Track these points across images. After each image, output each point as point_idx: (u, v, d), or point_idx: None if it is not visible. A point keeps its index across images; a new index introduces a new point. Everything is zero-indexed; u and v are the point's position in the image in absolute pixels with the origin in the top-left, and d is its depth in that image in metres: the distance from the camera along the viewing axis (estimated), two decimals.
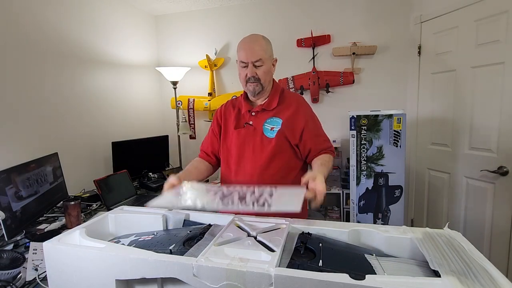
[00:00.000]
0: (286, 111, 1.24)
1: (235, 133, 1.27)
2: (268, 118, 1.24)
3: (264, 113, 1.25)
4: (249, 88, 1.22)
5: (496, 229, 1.77)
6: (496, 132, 1.73)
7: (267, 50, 1.20)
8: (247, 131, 1.25)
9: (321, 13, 2.67)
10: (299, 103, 1.28)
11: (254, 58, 1.17)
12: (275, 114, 1.24)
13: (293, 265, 0.70)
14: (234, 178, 1.27)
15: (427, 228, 0.85)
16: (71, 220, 1.46)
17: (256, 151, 1.23)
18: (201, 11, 2.99)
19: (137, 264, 0.72)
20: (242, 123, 1.28)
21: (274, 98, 1.26)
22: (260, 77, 1.20)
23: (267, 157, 1.21)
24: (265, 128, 1.23)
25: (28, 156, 1.63)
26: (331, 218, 2.63)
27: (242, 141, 1.25)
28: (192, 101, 2.97)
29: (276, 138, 1.21)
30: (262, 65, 1.18)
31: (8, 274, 0.97)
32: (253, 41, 1.19)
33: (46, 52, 2.00)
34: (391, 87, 2.58)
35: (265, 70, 1.20)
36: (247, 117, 1.27)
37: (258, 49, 1.17)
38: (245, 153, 1.24)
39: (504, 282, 0.60)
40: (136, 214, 1.06)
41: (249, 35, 1.23)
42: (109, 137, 2.43)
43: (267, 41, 1.23)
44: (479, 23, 1.81)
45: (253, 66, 1.18)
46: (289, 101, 1.27)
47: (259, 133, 1.23)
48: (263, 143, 1.22)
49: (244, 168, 1.24)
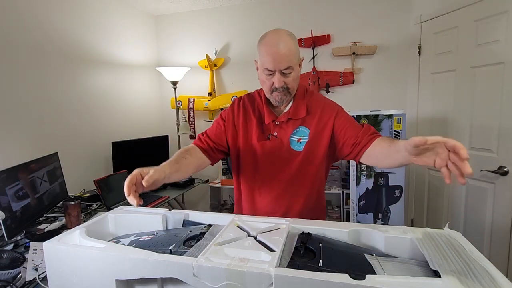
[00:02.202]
0: (313, 118, 1.09)
1: (259, 146, 1.12)
2: (295, 129, 1.10)
3: (289, 122, 1.10)
4: (276, 98, 1.06)
5: (496, 229, 1.77)
6: (496, 132, 1.73)
7: (296, 52, 1.00)
8: (272, 144, 1.11)
9: (321, 13, 2.67)
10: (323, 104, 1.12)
11: (284, 65, 0.98)
12: (302, 123, 1.10)
13: (293, 265, 0.70)
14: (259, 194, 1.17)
15: (427, 228, 0.85)
16: (71, 220, 1.46)
17: (282, 166, 1.11)
18: (201, 11, 2.99)
19: (137, 264, 0.72)
20: (266, 135, 1.12)
21: (300, 105, 1.10)
22: (290, 85, 1.03)
23: (295, 172, 1.10)
24: (292, 140, 1.10)
25: (28, 156, 1.63)
26: (331, 218, 2.63)
27: (267, 155, 1.11)
28: (192, 101, 2.97)
29: (304, 151, 1.08)
30: (292, 72, 1.00)
31: (8, 274, 0.97)
32: (281, 44, 0.97)
33: (47, 53, 2.00)
34: (391, 87, 2.58)
35: (295, 77, 1.03)
36: (271, 128, 1.12)
37: (288, 54, 0.97)
38: (270, 169, 1.12)
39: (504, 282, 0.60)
40: (136, 214, 1.06)
41: (274, 33, 1.00)
42: (109, 137, 2.43)
43: (294, 40, 1.01)
44: (479, 23, 1.80)
45: (281, 75, 1.00)
46: (315, 105, 1.11)
47: (285, 146, 1.10)
48: (290, 157, 1.09)
49: (269, 184, 1.14)
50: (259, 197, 1.19)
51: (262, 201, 1.19)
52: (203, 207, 3.15)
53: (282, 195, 1.14)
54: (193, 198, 3.20)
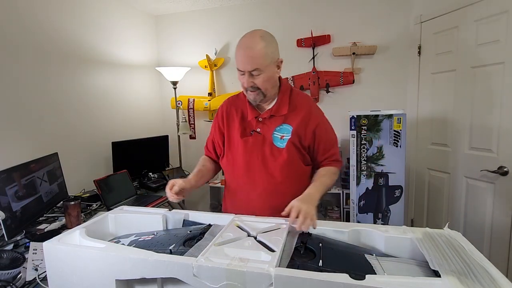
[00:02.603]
0: (297, 117, 1.13)
1: (242, 142, 1.15)
2: (278, 126, 1.13)
3: (273, 119, 1.14)
4: (250, 97, 1.12)
5: (496, 229, 1.77)
6: (496, 132, 1.73)
7: (267, 55, 1.03)
8: (255, 140, 1.14)
9: (321, 13, 2.67)
10: (310, 106, 1.16)
11: (250, 67, 1.02)
12: (285, 120, 1.13)
13: (293, 265, 0.70)
14: (243, 190, 1.19)
15: (427, 228, 0.85)
16: (71, 220, 1.46)
17: (266, 162, 1.13)
18: (201, 11, 2.99)
19: (137, 264, 0.72)
20: (248, 131, 1.16)
21: (283, 103, 1.14)
22: (259, 86, 1.06)
23: (278, 168, 1.12)
24: (275, 137, 1.12)
25: (28, 156, 1.63)
26: (331, 218, 2.63)
27: (250, 151, 1.14)
28: (192, 101, 2.97)
29: (287, 148, 1.11)
30: (261, 73, 1.04)
31: (8, 274, 0.97)
32: (250, 47, 1.01)
33: (47, 53, 2.00)
34: (391, 87, 2.58)
35: (265, 78, 1.05)
36: (254, 124, 1.15)
37: (255, 56, 1.01)
38: (254, 165, 1.14)
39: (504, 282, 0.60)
40: (136, 214, 1.06)
41: (247, 36, 1.06)
42: (109, 137, 2.43)
43: (268, 42, 1.04)
44: (479, 23, 1.80)
45: (250, 75, 1.04)
46: (299, 105, 1.15)
47: (268, 142, 1.12)
48: (273, 153, 1.12)
49: (253, 180, 1.15)
50: (241, 194, 1.20)
51: (243, 198, 1.19)
52: (203, 207, 3.15)
53: (265, 193, 1.14)
54: (193, 198, 3.20)
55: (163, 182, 2.48)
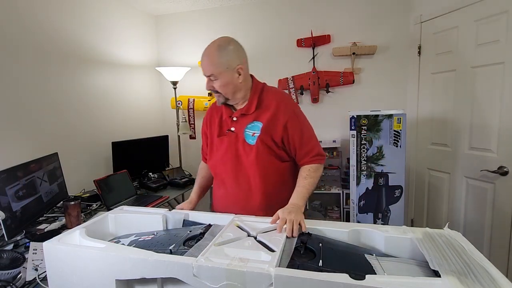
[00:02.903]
0: (266, 113, 1.17)
1: (219, 141, 1.23)
2: (249, 123, 1.18)
3: (244, 118, 1.19)
4: (216, 98, 1.20)
5: (496, 229, 1.77)
6: (496, 132, 1.73)
7: (220, 63, 1.10)
8: (229, 138, 1.20)
9: (321, 13, 2.67)
10: (279, 101, 1.18)
11: (207, 73, 1.13)
12: (255, 118, 1.17)
13: (293, 265, 0.70)
14: (222, 187, 1.25)
15: (427, 228, 0.86)
16: (71, 220, 1.46)
17: (240, 160, 1.18)
18: (201, 11, 2.99)
19: (137, 264, 0.72)
20: (224, 130, 1.23)
21: (252, 101, 1.19)
22: (218, 89, 1.14)
23: (251, 165, 1.16)
24: (247, 134, 1.17)
25: (28, 156, 1.63)
26: (331, 218, 2.63)
27: (225, 149, 1.20)
28: (192, 101, 2.97)
29: (256, 145, 1.15)
30: (216, 79, 1.12)
31: (8, 274, 0.97)
32: (205, 55, 1.13)
33: (47, 53, 2.00)
34: (391, 87, 2.58)
35: (221, 84, 1.12)
36: (229, 123, 1.22)
37: (208, 64, 1.11)
38: (228, 162, 1.20)
39: (504, 282, 0.60)
40: (136, 214, 1.06)
41: (209, 44, 1.15)
42: (109, 137, 2.43)
43: (224, 52, 1.11)
44: (479, 23, 1.80)
45: (209, 80, 1.14)
46: (269, 101, 1.19)
47: (240, 140, 1.18)
48: (245, 150, 1.17)
49: (229, 178, 1.21)
50: (218, 191, 1.27)
51: (221, 196, 1.25)
52: (203, 207, 3.14)
53: (239, 190, 1.19)
54: None
55: (163, 182, 2.48)
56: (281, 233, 0.85)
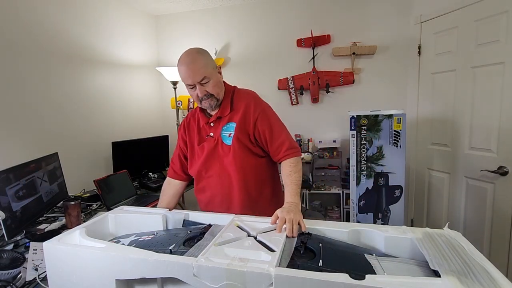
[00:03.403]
0: (238, 113, 1.21)
1: (199, 149, 1.25)
2: (224, 125, 1.21)
3: (220, 121, 1.23)
4: (205, 105, 1.20)
5: (496, 229, 1.77)
6: (496, 132, 1.73)
7: (208, 64, 1.15)
8: (209, 143, 1.23)
9: (321, 13, 2.67)
10: (249, 101, 1.22)
11: (199, 78, 1.13)
12: (229, 119, 1.21)
13: (293, 265, 0.70)
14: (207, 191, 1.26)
15: (427, 228, 0.85)
16: (71, 220, 1.46)
17: (221, 161, 1.21)
18: (201, 11, 2.99)
19: (137, 264, 0.72)
20: (204, 137, 1.26)
21: (226, 104, 1.22)
22: (212, 92, 1.16)
23: (230, 165, 1.19)
24: (223, 135, 1.21)
25: (28, 156, 1.62)
26: (331, 218, 2.63)
27: (207, 155, 1.22)
28: (192, 101, 2.97)
29: (233, 144, 1.18)
30: (209, 80, 1.15)
31: (8, 274, 0.97)
32: (191, 62, 1.13)
33: (47, 53, 2.00)
34: (391, 87, 2.58)
35: (214, 84, 1.16)
36: (207, 129, 1.25)
37: (199, 67, 1.12)
38: (211, 165, 1.22)
39: (504, 282, 0.60)
40: (136, 214, 1.06)
41: (185, 54, 1.17)
42: (109, 137, 2.43)
43: (204, 54, 1.17)
44: (479, 23, 1.80)
45: (201, 85, 1.14)
46: (240, 101, 1.23)
47: (219, 142, 1.21)
48: (224, 151, 1.20)
49: (213, 180, 1.23)
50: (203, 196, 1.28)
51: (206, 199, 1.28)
52: None
53: (222, 191, 1.22)
54: (193, 198, 3.18)
55: (163, 182, 2.47)
56: (281, 233, 0.85)
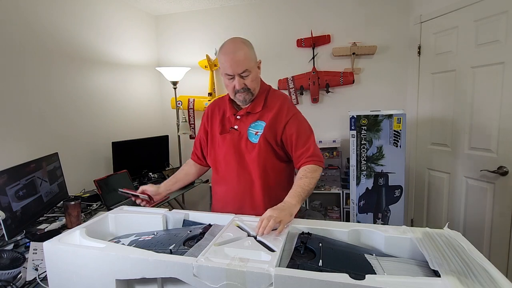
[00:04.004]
0: (270, 113, 1.18)
1: (221, 139, 1.22)
2: (253, 122, 1.19)
3: (249, 116, 1.20)
4: (239, 98, 1.17)
5: (496, 229, 1.77)
6: (496, 132, 1.73)
7: (251, 56, 1.13)
8: (232, 136, 1.20)
9: (321, 13, 2.67)
10: (282, 103, 1.20)
11: (240, 69, 1.10)
12: (260, 117, 1.19)
13: (293, 265, 0.71)
14: (222, 184, 1.24)
15: (427, 228, 0.86)
16: (71, 220, 1.46)
17: (242, 157, 1.19)
18: (201, 11, 2.99)
19: (137, 264, 0.72)
20: (227, 128, 1.23)
21: (259, 101, 1.20)
22: (250, 86, 1.14)
23: (253, 163, 1.17)
24: (250, 132, 1.19)
25: (28, 156, 1.63)
26: (331, 218, 2.63)
27: (227, 146, 1.20)
28: (192, 101, 2.97)
29: (259, 143, 1.16)
30: (249, 74, 1.12)
31: (8, 274, 0.97)
32: (236, 51, 1.10)
33: (47, 53, 2.00)
34: (391, 87, 2.58)
35: (252, 78, 1.13)
36: (233, 121, 1.22)
37: (243, 58, 1.09)
38: (231, 159, 1.20)
39: (504, 282, 0.60)
40: (136, 214, 1.06)
41: (230, 42, 1.14)
42: (109, 137, 2.43)
43: (249, 46, 1.15)
44: (479, 23, 1.80)
45: (240, 78, 1.11)
46: (273, 102, 1.20)
47: (244, 138, 1.19)
48: (248, 148, 1.18)
49: (231, 175, 1.21)
50: (219, 188, 1.27)
51: (222, 192, 1.26)
52: (203, 207, 3.15)
53: (240, 186, 1.20)
54: (193, 198, 3.20)
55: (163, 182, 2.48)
56: (281, 233, 0.84)
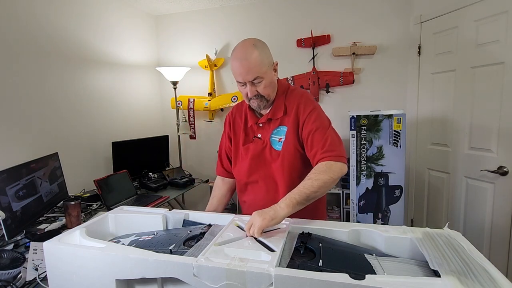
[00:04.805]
0: (289, 117, 1.11)
1: (244, 150, 1.17)
2: (275, 128, 1.13)
3: (271, 123, 1.14)
4: (253, 105, 1.11)
5: (496, 229, 1.77)
6: (496, 132, 1.73)
7: (263, 61, 1.03)
8: (256, 145, 1.15)
9: (321, 13, 2.67)
10: (298, 101, 1.12)
11: (251, 77, 1.02)
12: (281, 122, 1.13)
13: (293, 265, 0.70)
14: (251, 193, 1.20)
15: (427, 228, 0.85)
16: (71, 220, 1.46)
17: (267, 167, 1.13)
18: (201, 11, 3.00)
19: (137, 264, 0.72)
20: (251, 137, 1.18)
21: (279, 105, 1.13)
22: (263, 93, 1.06)
23: (277, 171, 1.11)
24: (273, 140, 1.13)
25: (28, 156, 1.63)
26: (331, 218, 2.63)
27: (252, 157, 1.14)
28: (192, 101, 2.97)
29: (283, 151, 1.11)
30: (262, 81, 1.04)
31: (8, 274, 0.97)
32: (246, 56, 1.01)
33: (47, 53, 2.00)
34: (391, 87, 2.58)
35: (266, 84, 1.06)
36: (255, 129, 1.17)
37: (253, 65, 1.00)
38: (257, 171, 1.15)
39: (504, 282, 0.60)
40: (136, 214, 1.06)
41: (240, 46, 1.04)
42: (109, 137, 2.43)
43: (262, 49, 1.04)
44: (479, 23, 1.80)
45: (251, 85, 1.04)
46: (291, 105, 1.13)
47: (267, 146, 1.13)
48: (272, 157, 1.12)
49: (258, 186, 1.17)
50: (246, 197, 1.23)
51: (250, 201, 1.22)
52: (203, 207, 3.13)
53: (268, 195, 1.14)
54: (193, 198, 3.20)
55: (163, 182, 2.48)
56: (281, 233, 0.84)
